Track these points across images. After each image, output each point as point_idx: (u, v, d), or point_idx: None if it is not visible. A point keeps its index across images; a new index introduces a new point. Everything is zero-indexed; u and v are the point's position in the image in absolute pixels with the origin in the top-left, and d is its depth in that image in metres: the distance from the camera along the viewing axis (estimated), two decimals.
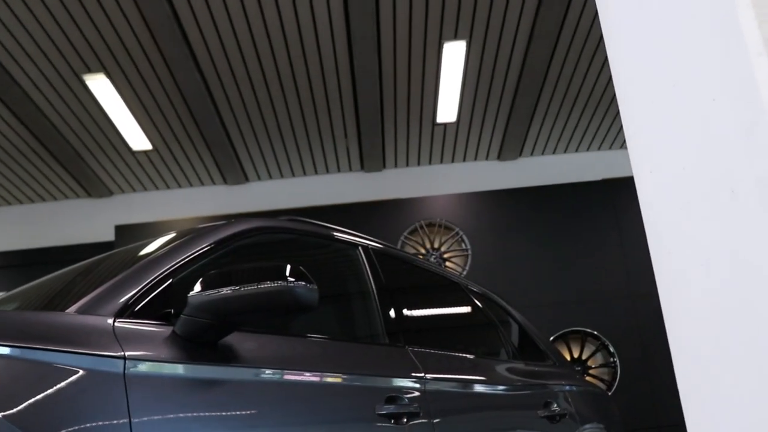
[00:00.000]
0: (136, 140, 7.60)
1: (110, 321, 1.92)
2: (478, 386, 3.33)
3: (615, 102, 7.70)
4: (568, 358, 7.14)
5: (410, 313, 3.43)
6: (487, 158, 8.79)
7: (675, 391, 1.46)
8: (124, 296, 2.04)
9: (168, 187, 8.82)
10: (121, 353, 1.83)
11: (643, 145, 1.45)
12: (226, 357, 2.09)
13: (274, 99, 7.12)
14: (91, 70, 6.44)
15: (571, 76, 7.19)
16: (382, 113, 7.51)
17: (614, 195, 7.78)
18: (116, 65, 6.39)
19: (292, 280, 1.98)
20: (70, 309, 1.96)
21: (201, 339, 2.02)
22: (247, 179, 8.76)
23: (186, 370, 1.98)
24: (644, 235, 1.50)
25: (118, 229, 7.98)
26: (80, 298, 2.02)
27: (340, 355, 2.62)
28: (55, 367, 1.70)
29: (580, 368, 7.16)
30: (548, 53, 6.73)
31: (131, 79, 6.61)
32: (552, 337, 7.11)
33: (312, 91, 7.04)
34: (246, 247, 2.61)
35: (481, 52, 6.68)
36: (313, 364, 2.40)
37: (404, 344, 2.95)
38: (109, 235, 8.11)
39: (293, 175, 8.79)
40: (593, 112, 7.93)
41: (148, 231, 7.24)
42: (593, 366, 7.34)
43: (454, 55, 6.63)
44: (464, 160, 8.78)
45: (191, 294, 1.96)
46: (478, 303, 4.05)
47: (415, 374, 2.80)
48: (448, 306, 4.09)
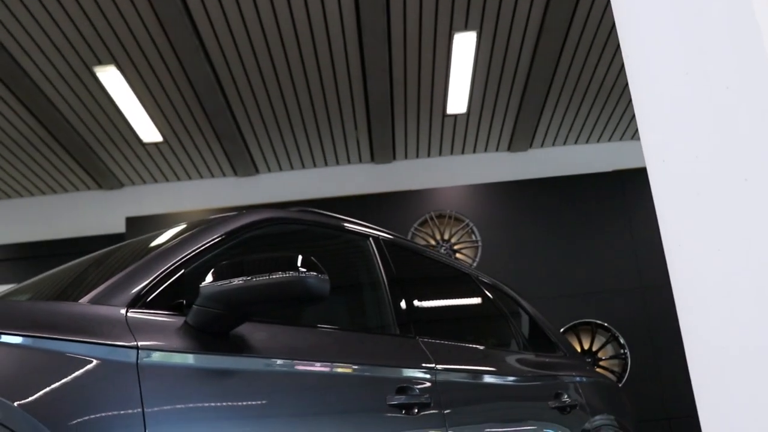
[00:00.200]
0: (146, 132, 7.61)
1: (123, 311, 1.93)
2: (489, 377, 3.33)
3: (625, 93, 7.68)
4: (578, 349, 7.13)
5: (421, 304, 3.43)
6: (497, 149, 8.77)
7: (685, 382, 1.46)
8: (137, 287, 2.05)
9: (178, 179, 8.84)
10: (134, 343, 1.84)
11: (656, 134, 1.44)
12: (238, 347, 2.10)
13: (284, 91, 7.11)
14: (101, 63, 6.46)
15: (581, 67, 7.16)
16: (392, 105, 7.50)
17: (625, 186, 7.75)
18: (127, 58, 6.40)
19: (304, 270, 1.98)
20: (83, 299, 1.97)
21: (213, 329, 2.03)
22: (257, 171, 8.77)
23: (198, 360, 1.99)
24: (655, 226, 1.50)
25: (129, 220, 8.01)
26: (93, 289, 2.03)
27: (351, 345, 2.63)
28: (69, 357, 1.71)
29: (590, 360, 7.15)
30: (559, 44, 6.70)
31: (142, 72, 6.62)
32: (562, 329, 7.10)
33: (322, 83, 7.04)
34: (257, 238, 2.61)
35: (492, 43, 6.66)
36: (325, 354, 2.41)
37: (415, 335, 2.96)
38: (119, 227, 8.14)
39: (303, 167, 8.80)
40: (604, 102, 7.90)
41: (159, 223, 7.26)
42: (603, 358, 7.33)
43: (464, 46, 6.60)
44: (474, 151, 8.76)
45: (203, 284, 1.97)
46: (488, 294, 4.05)
47: (425, 365, 2.80)
48: (459, 297, 4.09)
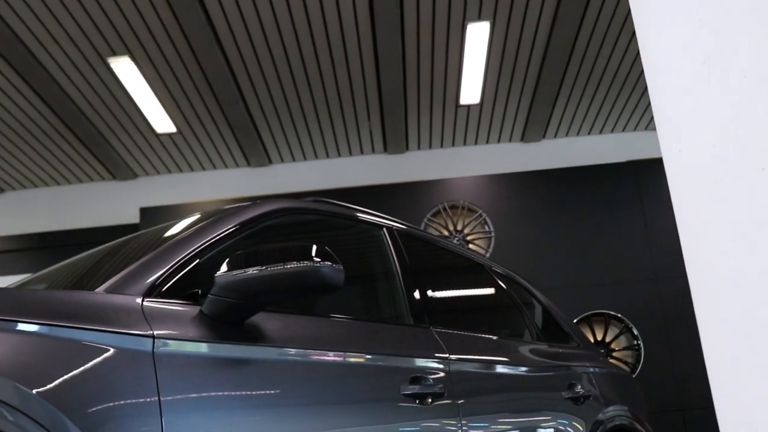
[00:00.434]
0: (160, 123, 7.63)
1: (139, 300, 1.94)
2: (502, 367, 3.34)
3: (640, 83, 7.64)
4: (591, 340, 7.12)
5: (434, 294, 3.44)
6: (510, 140, 8.75)
7: (699, 373, 1.45)
8: (152, 276, 2.06)
9: (192, 169, 8.87)
10: (150, 332, 1.85)
11: (672, 123, 1.43)
12: (253, 336, 2.11)
13: (297, 82, 7.12)
14: (115, 53, 6.47)
15: (595, 58, 7.13)
16: (406, 95, 7.49)
17: (639, 177, 7.72)
18: (141, 48, 6.42)
19: (318, 260, 1.99)
20: (99, 289, 1.98)
21: (228, 318, 2.04)
22: (270, 162, 8.79)
23: (213, 349, 2.00)
24: (669, 217, 1.49)
25: (143, 211, 8.05)
26: (109, 278, 2.04)
27: (365, 335, 2.63)
28: (86, 345, 1.72)
29: (603, 351, 7.14)
30: (572, 34, 6.67)
31: (156, 62, 6.63)
32: (575, 320, 7.10)
33: (335, 74, 7.03)
34: (271, 228, 2.62)
35: (505, 33, 6.63)
36: (338, 344, 2.41)
37: (428, 325, 2.96)
38: (134, 218, 8.17)
39: (316, 157, 8.80)
40: (618, 93, 7.86)
41: (173, 213, 7.29)
42: (617, 349, 7.31)
43: (477, 36, 6.58)
44: (487, 142, 8.74)
45: (218, 274, 1.98)
46: (502, 284, 4.04)
47: (439, 355, 2.81)
48: (472, 287, 4.09)
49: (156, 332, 1.86)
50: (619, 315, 7.33)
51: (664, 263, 7.27)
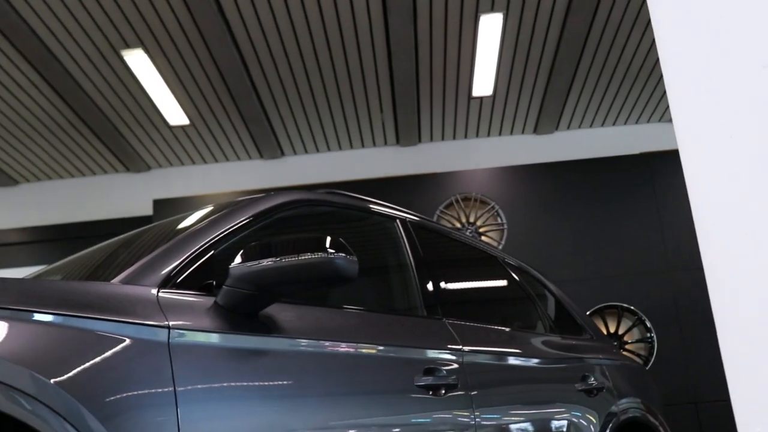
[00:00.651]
0: (173, 115, 7.65)
1: (154, 291, 1.96)
2: (515, 359, 3.34)
3: (653, 75, 7.59)
4: (604, 332, 7.10)
5: (448, 285, 3.44)
6: (523, 132, 8.72)
7: (713, 366, 1.45)
8: (167, 267, 2.07)
9: (205, 161, 8.88)
10: (165, 323, 1.86)
11: (688, 113, 1.43)
12: (267, 327, 2.12)
13: (309, 74, 7.11)
14: (129, 46, 6.49)
15: (608, 48, 7.09)
16: (418, 87, 7.48)
17: (652, 168, 7.69)
18: (154, 41, 6.43)
19: (332, 251, 1.99)
20: (115, 280, 2.00)
21: (242, 309, 2.05)
22: (283, 154, 8.79)
23: (227, 339, 2.01)
24: (682, 209, 1.48)
25: (157, 203, 8.07)
26: (124, 269, 2.05)
27: (378, 326, 2.64)
28: (102, 336, 1.73)
29: (616, 343, 7.13)
30: (586, 26, 6.63)
31: (169, 55, 6.65)
32: (588, 312, 7.08)
33: (348, 66, 7.03)
34: (285, 220, 2.63)
35: (518, 25, 6.61)
36: (352, 335, 2.42)
37: (442, 317, 2.96)
38: (147, 210, 8.20)
39: (329, 149, 8.80)
40: (631, 85, 7.82)
41: (186, 205, 7.30)
42: (630, 341, 7.30)
43: (490, 27, 6.56)
44: (500, 133, 8.71)
45: (233, 265, 1.99)
46: (514, 276, 4.04)
47: (452, 347, 2.81)
48: (485, 279, 4.09)
49: (171, 323, 1.87)
50: (632, 307, 7.31)
51: (677, 256, 7.24)
